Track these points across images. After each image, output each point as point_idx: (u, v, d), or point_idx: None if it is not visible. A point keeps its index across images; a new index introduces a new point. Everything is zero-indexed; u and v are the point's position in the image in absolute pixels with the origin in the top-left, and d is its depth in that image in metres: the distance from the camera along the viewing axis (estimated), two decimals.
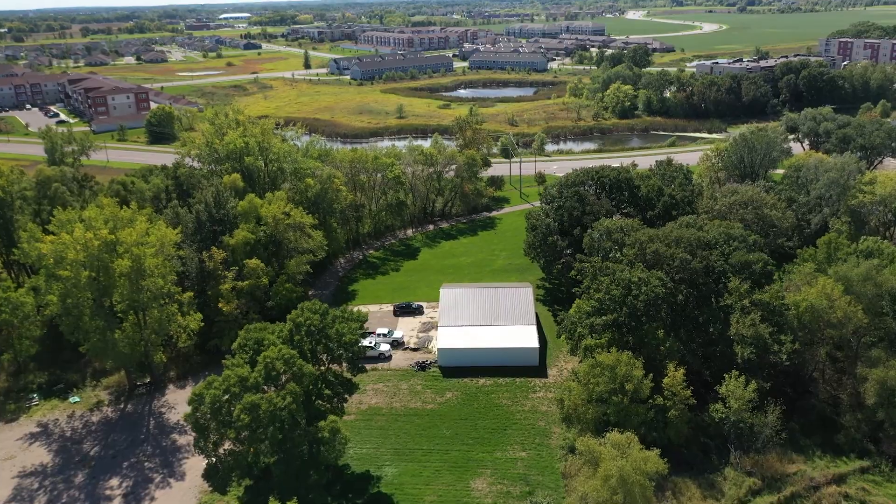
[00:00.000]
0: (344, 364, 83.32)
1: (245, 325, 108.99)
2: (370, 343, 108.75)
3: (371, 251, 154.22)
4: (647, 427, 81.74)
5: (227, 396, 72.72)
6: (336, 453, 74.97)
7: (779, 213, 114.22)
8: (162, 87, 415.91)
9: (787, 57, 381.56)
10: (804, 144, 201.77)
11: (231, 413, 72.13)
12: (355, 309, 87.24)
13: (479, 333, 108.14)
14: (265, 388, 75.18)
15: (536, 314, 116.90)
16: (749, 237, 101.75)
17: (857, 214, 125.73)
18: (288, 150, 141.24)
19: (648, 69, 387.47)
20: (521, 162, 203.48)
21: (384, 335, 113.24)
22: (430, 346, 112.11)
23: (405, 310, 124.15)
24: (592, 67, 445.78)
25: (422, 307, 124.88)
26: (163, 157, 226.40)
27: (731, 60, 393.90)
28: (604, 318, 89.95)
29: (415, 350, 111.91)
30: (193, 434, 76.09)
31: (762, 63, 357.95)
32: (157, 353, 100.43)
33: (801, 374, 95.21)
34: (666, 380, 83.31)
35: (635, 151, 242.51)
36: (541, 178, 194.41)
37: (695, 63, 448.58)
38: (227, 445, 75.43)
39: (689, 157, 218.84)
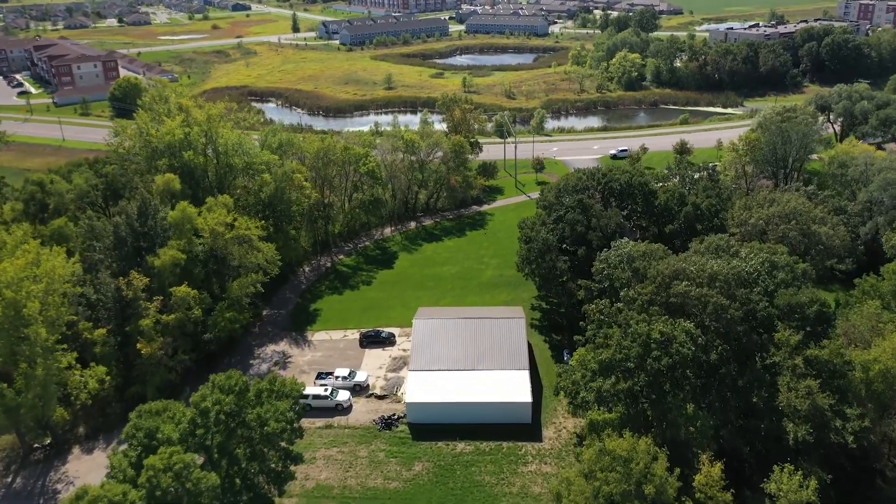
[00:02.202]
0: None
1: (171, 366, 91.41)
2: (326, 391, 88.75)
3: (342, 256, 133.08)
4: None
5: None
6: None
7: (829, 229, 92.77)
8: (139, 53, 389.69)
9: (806, 21, 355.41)
10: (836, 126, 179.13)
11: None
12: (290, 375, 66.91)
13: (458, 381, 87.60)
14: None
15: (530, 348, 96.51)
16: (797, 266, 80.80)
17: None
18: (239, 142, 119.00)
19: (656, 34, 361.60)
20: (516, 144, 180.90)
21: (344, 378, 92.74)
22: (399, 393, 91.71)
23: (373, 339, 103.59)
24: (596, 31, 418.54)
25: (393, 336, 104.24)
26: None
27: (747, 25, 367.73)
28: (613, 381, 69.52)
29: (381, 398, 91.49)
30: None
31: (780, 29, 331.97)
32: (56, 410, 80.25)
33: (863, 444, 75.02)
34: (698, 477, 63.10)
35: (644, 130, 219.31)
36: (539, 165, 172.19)
37: (705, 27, 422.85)
38: None
39: (703, 137, 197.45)
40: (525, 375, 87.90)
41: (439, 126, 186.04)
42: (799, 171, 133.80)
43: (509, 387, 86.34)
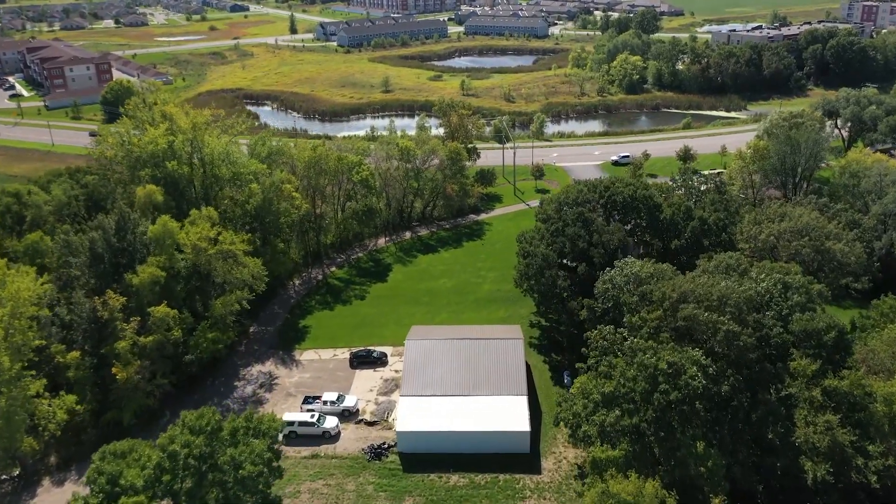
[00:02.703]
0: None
1: (149, 390, 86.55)
2: (312, 418, 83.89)
3: (333, 268, 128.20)
4: None
5: None
6: None
7: (844, 245, 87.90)
8: (135, 55, 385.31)
9: (810, 23, 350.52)
10: (843, 132, 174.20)
11: None
12: (269, 410, 62.06)
13: (452, 408, 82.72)
14: None
15: (529, 370, 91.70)
16: (812, 287, 75.98)
17: None
18: (225, 151, 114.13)
19: (657, 35, 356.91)
20: (515, 149, 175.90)
21: (333, 402, 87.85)
22: (390, 419, 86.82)
23: (364, 359, 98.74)
24: (597, 33, 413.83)
25: (385, 356, 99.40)
26: None
27: (749, 27, 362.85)
28: (618, 415, 64.73)
29: (371, 424, 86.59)
30: None
31: (784, 31, 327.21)
32: (25, 440, 75.48)
33: (887, 483, 70.23)
34: None
35: (646, 135, 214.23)
36: (539, 172, 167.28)
37: (707, 28, 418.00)
38: None
39: (707, 142, 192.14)
40: (523, 402, 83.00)
41: (436, 130, 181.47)
42: (808, 180, 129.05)
43: (506, 414, 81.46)
